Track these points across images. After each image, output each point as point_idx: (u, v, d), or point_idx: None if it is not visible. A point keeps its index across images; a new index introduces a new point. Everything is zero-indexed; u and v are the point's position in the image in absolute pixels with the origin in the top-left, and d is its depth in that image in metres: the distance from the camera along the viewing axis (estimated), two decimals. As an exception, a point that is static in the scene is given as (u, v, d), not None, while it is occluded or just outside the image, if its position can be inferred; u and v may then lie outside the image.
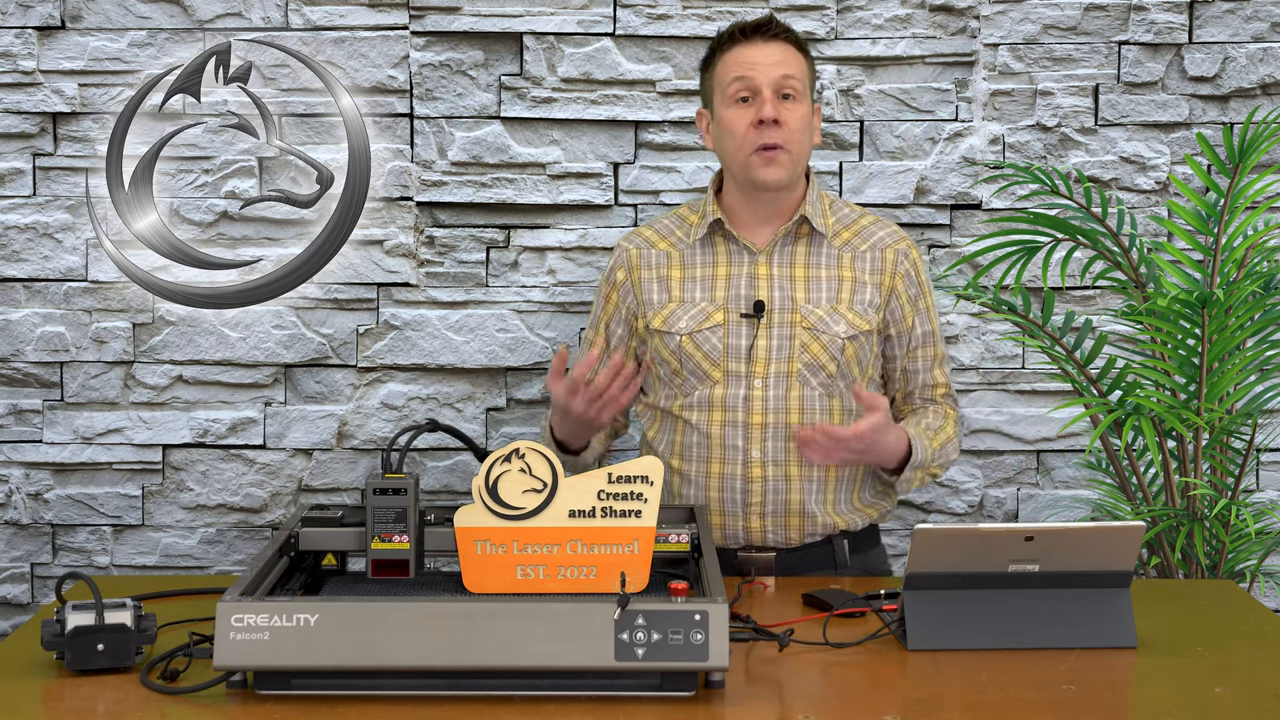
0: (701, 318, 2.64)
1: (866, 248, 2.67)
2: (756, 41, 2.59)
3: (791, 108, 2.58)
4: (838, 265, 2.65)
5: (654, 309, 2.68)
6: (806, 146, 2.62)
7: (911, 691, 1.97)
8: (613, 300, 2.74)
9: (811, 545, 2.64)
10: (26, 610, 3.35)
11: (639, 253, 2.72)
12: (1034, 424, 3.37)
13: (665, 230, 2.74)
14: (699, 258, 2.68)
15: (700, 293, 2.66)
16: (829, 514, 2.63)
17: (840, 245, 2.67)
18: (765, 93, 2.56)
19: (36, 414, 3.32)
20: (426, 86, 3.28)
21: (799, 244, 2.66)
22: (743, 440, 2.60)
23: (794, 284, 2.63)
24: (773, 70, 2.57)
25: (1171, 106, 3.31)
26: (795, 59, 2.61)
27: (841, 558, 2.65)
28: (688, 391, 2.64)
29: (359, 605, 1.87)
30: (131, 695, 1.89)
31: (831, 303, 2.62)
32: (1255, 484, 3.38)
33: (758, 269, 2.64)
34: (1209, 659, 2.07)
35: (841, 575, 2.63)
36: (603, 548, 2.02)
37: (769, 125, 2.55)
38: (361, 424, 3.35)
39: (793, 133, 2.57)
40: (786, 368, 2.59)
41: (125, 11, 3.25)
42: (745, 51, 2.59)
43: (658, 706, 1.85)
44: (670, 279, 2.68)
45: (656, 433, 2.71)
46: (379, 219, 3.31)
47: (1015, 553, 2.10)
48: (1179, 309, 2.91)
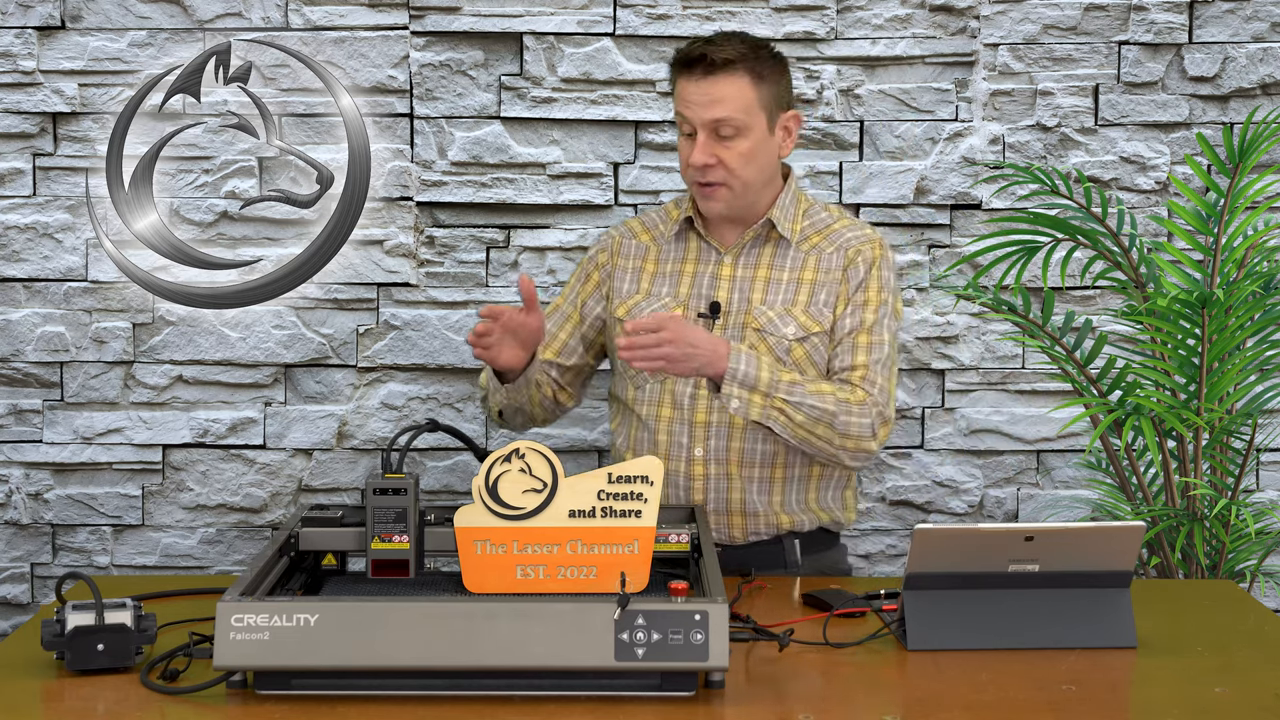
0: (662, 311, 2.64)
1: (832, 250, 2.64)
2: (694, 76, 2.55)
3: (730, 145, 2.54)
4: (801, 268, 2.63)
5: (621, 298, 2.70)
6: (753, 173, 2.58)
7: (911, 691, 1.97)
8: (593, 279, 2.75)
9: (758, 543, 2.63)
10: (26, 610, 3.35)
11: (621, 241, 2.75)
12: (1034, 424, 3.37)
13: (651, 223, 2.76)
14: (672, 253, 2.70)
15: (667, 288, 2.67)
16: (775, 513, 2.62)
17: (807, 250, 2.64)
18: (700, 134, 2.55)
19: (36, 414, 3.32)
20: (426, 86, 3.28)
21: (765, 246, 2.65)
22: (687, 438, 2.61)
23: (753, 285, 2.63)
24: (705, 111, 2.53)
25: (1171, 106, 3.31)
26: (736, 92, 2.53)
27: (792, 557, 2.64)
28: (640, 384, 2.65)
29: (359, 605, 1.87)
30: (131, 695, 1.89)
31: (786, 305, 2.61)
32: (1255, 484, 3.38)
33: (721, 269, 2.64)
34: (1209, 659, 2.07)
35: (791, 574, 2.60)
36: (603, 548, 2.02)
37: (700, 167, 2.55)
38: (361, 424, 3.35)
39: (730, 169, 2.55)
40: None
41: (125, 11, 3.25)
42: (684, 86, 2.56)
43: (658, 706, 1.85)
44: (643, 271, 2.70)
45: (618, 424, 2.74)
46: (379, 219, 3.31)
47: (1015, 553, 2.10)
48: (1179, 309, 2.91)
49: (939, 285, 3.32)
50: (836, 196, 3.31)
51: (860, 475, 3.38)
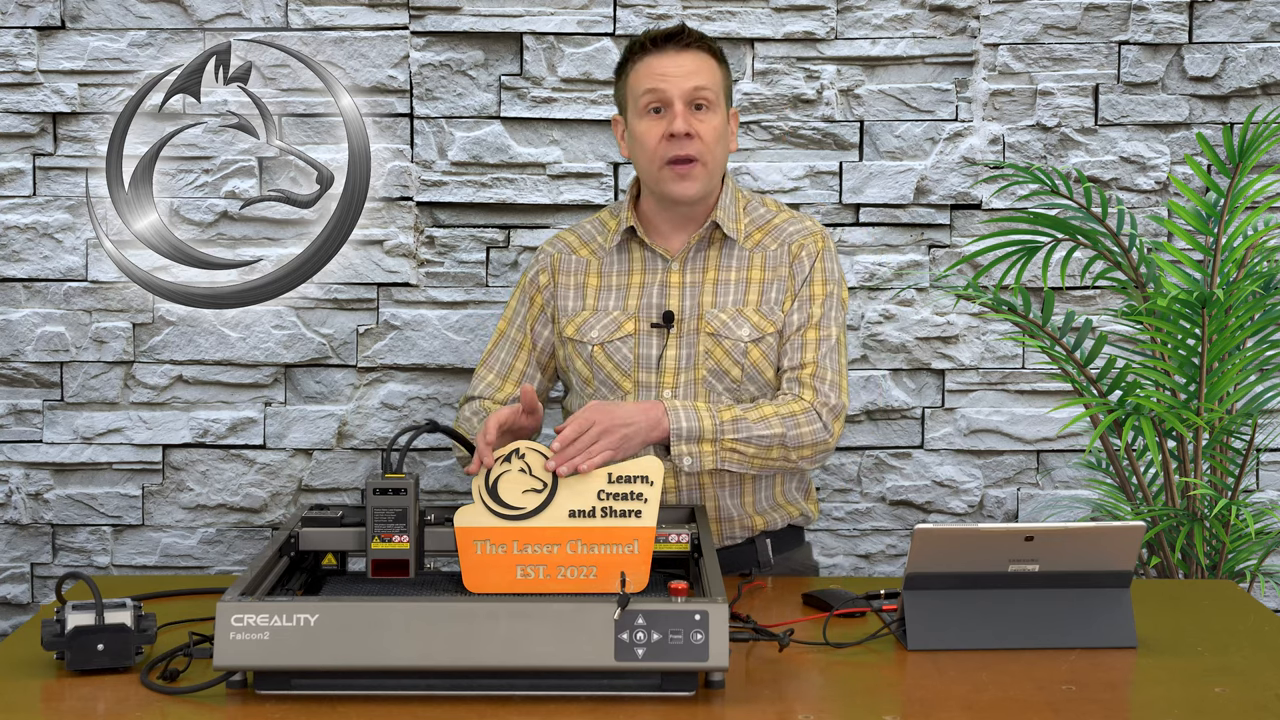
0: (614, 327, 2.62)
1: (776, 246, 2.63)
2: (669, 51, 2.54)
3: (704, 118, 2.54)
4: (748, 267, 2.61)
5: (568, 316, 2.65)
6: (721, 156, 2.58)
7: (911, 691, 1.97)
8: (537, 302, 2.70)
9: (732, 546, 2.63)
10: (26, 610, 3.36)
11: (560, 257, 2.69)
12: (1034, 424, 3.37)
13: (587, 235, 2.71)
14: (615, 265, 2.65)
15: (614, 301, 2.63)
16: (748, 514, 2.62)
17: (752, 247, 2.63)
18: (677, 105, 2.52)
19: (36, 414, 3.33)
20: (426, 86, 3.28)
21: (711, 249, 2.63)
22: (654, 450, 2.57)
23: (703, 289, 2.60)
24: (684, 81, 2.52)
25: (1171, 106, 3.31)
26: (709, 68, 2.56)
27: (765, 557, 2.64)
28: (601, 398, 2.61)
29: (359, 605, 1.87)
30: (131, 695, 1.89)
31: (737, 306, 2.59)
32: (1255, 484, 3.38)
33: (670, 277, 2.61)
34: (1209, 659, 2.07)
35: (765, 574, 2.61)
36: (603, 548, 2.02)
37: (680, 138, 2.52)
38: (361, 424, 3.35)
39: (706, 144, 2.53)
40: (694, 375, 2.57)
41: (125, 11, 3.25)
42: (657, 62, 2.54)
43: (658, 706, 1.85)
44: (586, 286, 2.66)
45: None
46: (379, 219, 3.31)
47: (1015, 553, 2.10)
48: (1179, 309, 2.91)
49: (939, 285, 3.32)
50: (836, 196, 3.31)
51: (860, 475, 3.39)
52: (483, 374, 2.73)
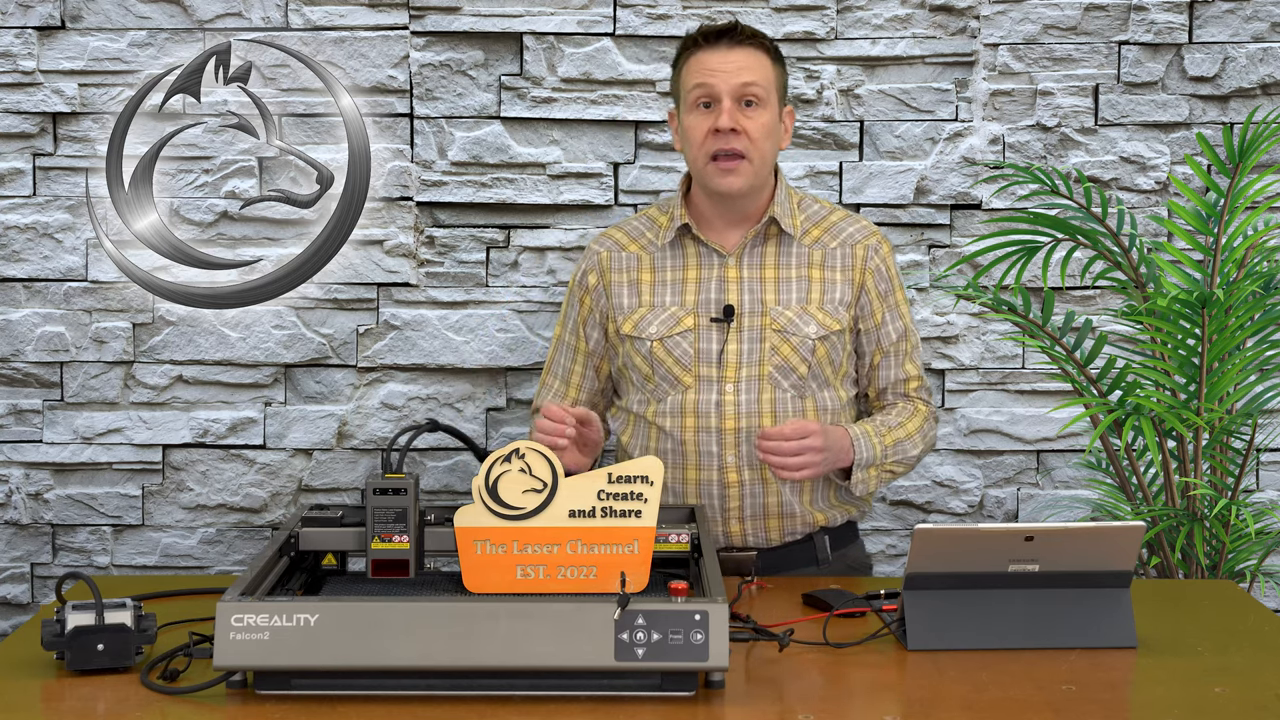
0: (672, 322, 2.63)
1: (836, 244, 2.66)
2: (720, 47, 2.57)
3: (753, 114, 2.55)
4: (807, 265, 2.64)
5: (624, 314, 2.67)
6: (770, 152, 2.59)
7: (911, 691, 1.97)
8: (586, 304, 2.72)
9: (793, 543, 2.64)
10: (26, 610, 3.36)
11: (610, 255, 2.70)
12: (1034, 424, 3.37)
13: (635, 232, 2.72)
14: (669, 261, 2.67)
15: (670, 297, 2.65)
16: (809, 510, 2.63)
17: (810, 244, 2.65)
18: (725, 101, 2.54)
19: (36, 414, 3.33)
20: (426, 86, 3.28)
21: (768, 245, 2.65)
22: (717, 446, 2.59)
23: (764, 286, 2.62)
24: (733, 77, 2.54)
25: (1171, 106, 3.31)
26: (760, 65, 2.57)
27: (823, 554, 2.66)
28: (660, 397, 2.63)
29: (359, 605, 1.87)
30: (131, 695, 1.89)
31: (801, 303, 2.62)
32: (1255, 484, 3.38)
33: (727, 272, 2.63)
34: (1209, 659, 2.07)
35: (823, 571, 2.63)
36: (603, 548, 2.02)
37: (725, 133, 2.53)
38: (361, 424, 3.35)
39: (753, 140, 2.55)
40: (757, 371, 2.59)
41: (125, 11, 3.25)
42: (708, 57, 2.57)
43: (658, 706, 1.85)
44: (640, 282, 2.67)
45: (630, 438, 2.69)
46: (379, 219, 3.31)
47: (1015, 553, 2.10)
48: (1179, 309, 2.91)
49: (939, 285, 3.32)
50: (836, 196, 3.31)
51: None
52: (548, 381, 2.78)
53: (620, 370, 2.71)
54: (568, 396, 2.74)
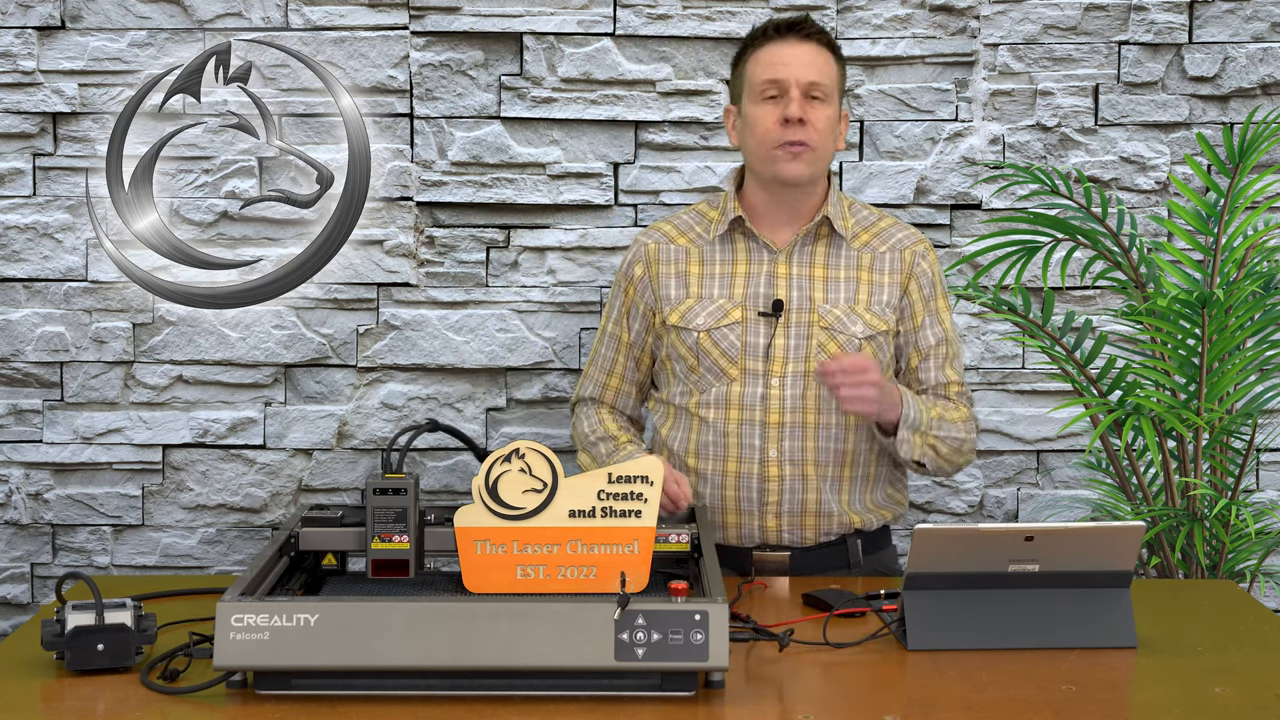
0: (719, 314, 2.63)
1: (885, 249, 2.68)
2: (790, 41, 2.59)
3: (818, 109, 2.58)
4: (856, 266, 2.65)
5: (671, 304, 2.67)
6: (830, 148, 2.62)
7: (911, 691, 1.97)
8: (630, 295, 2.73)
9: (826, 544, 2.63)
10: (26, 610, 3.36)
11: (657, 247, 2.72)
12: (1034, 424, 3.37)
13: (684, 226, 2.73)
14: (718, 254, 2.68)
15: (719, 289, 2.65)
16: (846, 512, 2.63)
17: (860, 247, 2.67)
18: (793, 92, 2.56)
19: (36, 414, 3.33)
20: (426, 86, 3.28)
21: (819, 244, 2.66)
22: (759, 439, 2.59)
23: (813, 284, 2.63)
24: (802, 72, 2.57)
25: (1171, 106, 3.31)
26: (826, 62, 2.61)
27: (855, 557, 2.65)
28: (704, 388, 2.64)
29: (359, 605, 1.87)
30: (131, 695, 1.89)
31: (849, 303, 2.63)
32: (1255, 484, 3.38)
33: (777, 268, 2.64)
34: (1209, 659, 2.07)
35: (854, 575, 2.62)
36: (603, 548, 2.02)
37: (794, 124, 2.55)
38: (361, 424, 3.35)
39: (818, 133, 2.57)
40: (804, 367, 2.60)
41: (125, 11, 3.25)
42: (778, 50, 2.59)
43: (658, 706, 1.85)
44: (689, 275, 2.68)
45: (670, 429, 2.69)
46: (379, 219, 3.31)
47: (1015, 553, 2.10)
48: (1179, 309, 2.91)
49: (939, 285, 3.32)
50: (837, 196, 3.31)
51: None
52: (591, 372, 2.79)
53: (663, 362, 2.71)
54: (609, 387, 2.76)
